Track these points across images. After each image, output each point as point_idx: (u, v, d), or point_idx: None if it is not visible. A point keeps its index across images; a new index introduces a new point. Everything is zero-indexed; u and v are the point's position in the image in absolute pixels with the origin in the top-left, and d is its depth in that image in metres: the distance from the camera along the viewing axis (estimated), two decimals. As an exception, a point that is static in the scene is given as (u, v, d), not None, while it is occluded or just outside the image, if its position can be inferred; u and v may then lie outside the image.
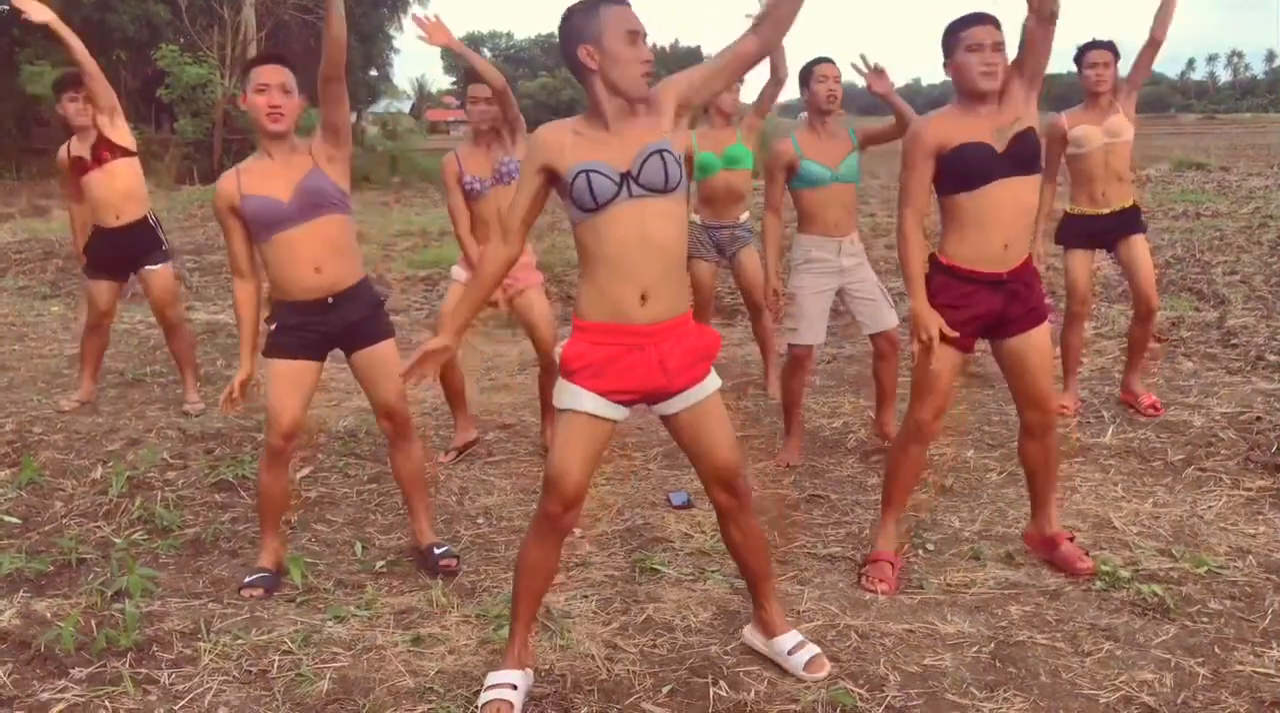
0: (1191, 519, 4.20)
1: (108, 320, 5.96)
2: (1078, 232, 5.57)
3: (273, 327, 3.67)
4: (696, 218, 5.90)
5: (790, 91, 5.73)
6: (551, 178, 2.80)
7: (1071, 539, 3.81)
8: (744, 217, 5.88)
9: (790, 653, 3.08)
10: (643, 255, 2.74)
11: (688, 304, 2.91)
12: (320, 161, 3.63)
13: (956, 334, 3.51)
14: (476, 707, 2.88)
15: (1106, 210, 5.51)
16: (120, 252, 5.80)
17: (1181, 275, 9.53)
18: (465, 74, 4.98)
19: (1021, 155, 3.48)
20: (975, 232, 3.53)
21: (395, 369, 3.67)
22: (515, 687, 2.88)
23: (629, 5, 2.78)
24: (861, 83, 4.86)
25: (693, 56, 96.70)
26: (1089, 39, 5.49)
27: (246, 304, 3.68)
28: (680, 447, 3.01)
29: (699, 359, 2.88)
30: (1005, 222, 3.51)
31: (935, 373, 3.58)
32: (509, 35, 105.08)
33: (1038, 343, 3.62)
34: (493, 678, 2.92)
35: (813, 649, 3.10)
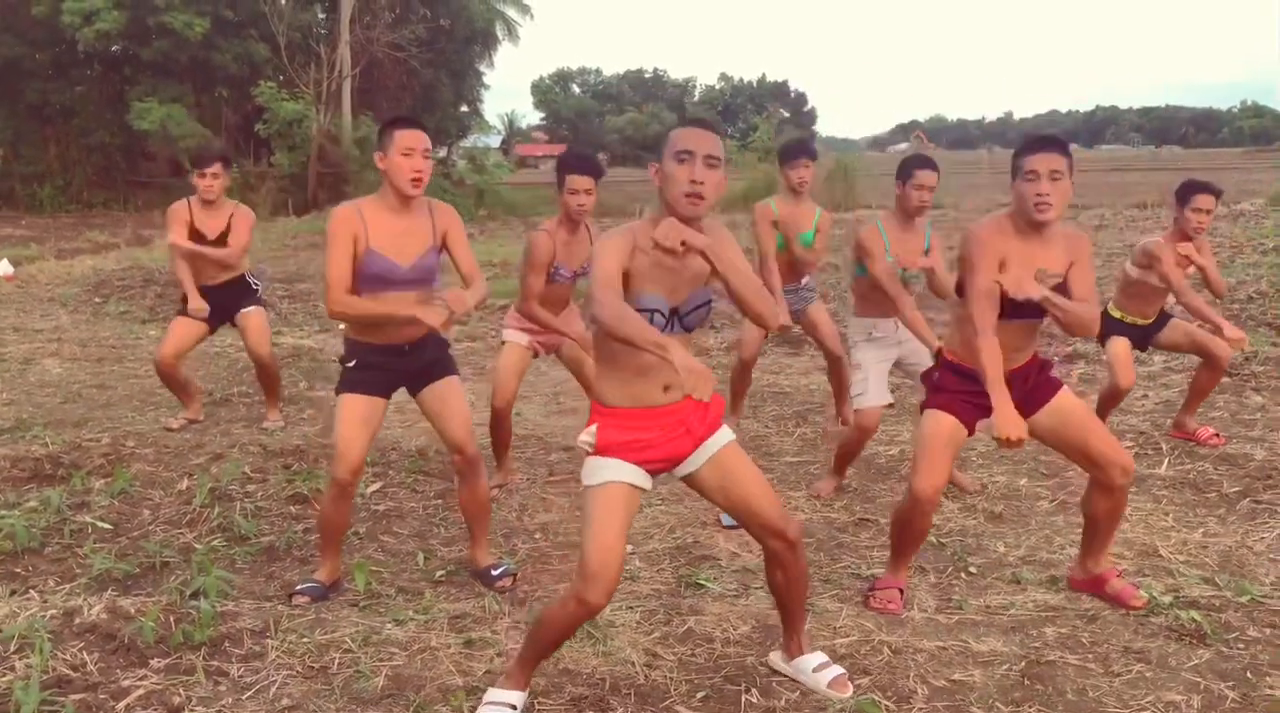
0: (1241, 550, 4.21)
1: (173, 361, 6.13)
2: (1117, 330, 5.73)
3: (351, 364, 3.82)
4: None
5: (879, 124, 5.79)
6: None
7: (1119, 575, 3.83)
8: (806, 280, 5.88)
9: (815, 671, 3.17)
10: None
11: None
12: (438, 237, 3.80)
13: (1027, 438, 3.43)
14: None
15: (1148, 321, 5.72)
16: (219, 301, 6.12)
17: (1262, 310, 9.36)
18: (563, 160, 4.91)
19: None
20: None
21: (460, 405, 3.88)
22: (514, 707, 2.99)
23: (699, 129, 2.82)
24: (953, 116, 4.85)
25: (779, 89, 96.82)
26: (1198, 180, 5.50)
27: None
28: (719, 506, 3.08)
29: (711, 424, 3.00)
30: (1009, 344, 3.54)
31: (936, 446, 3.61)
32: (598, 71, 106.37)
33: (1065, 407, 3.60)
34: (493, 695, 3.03)
35: (837, 669, 3.18)
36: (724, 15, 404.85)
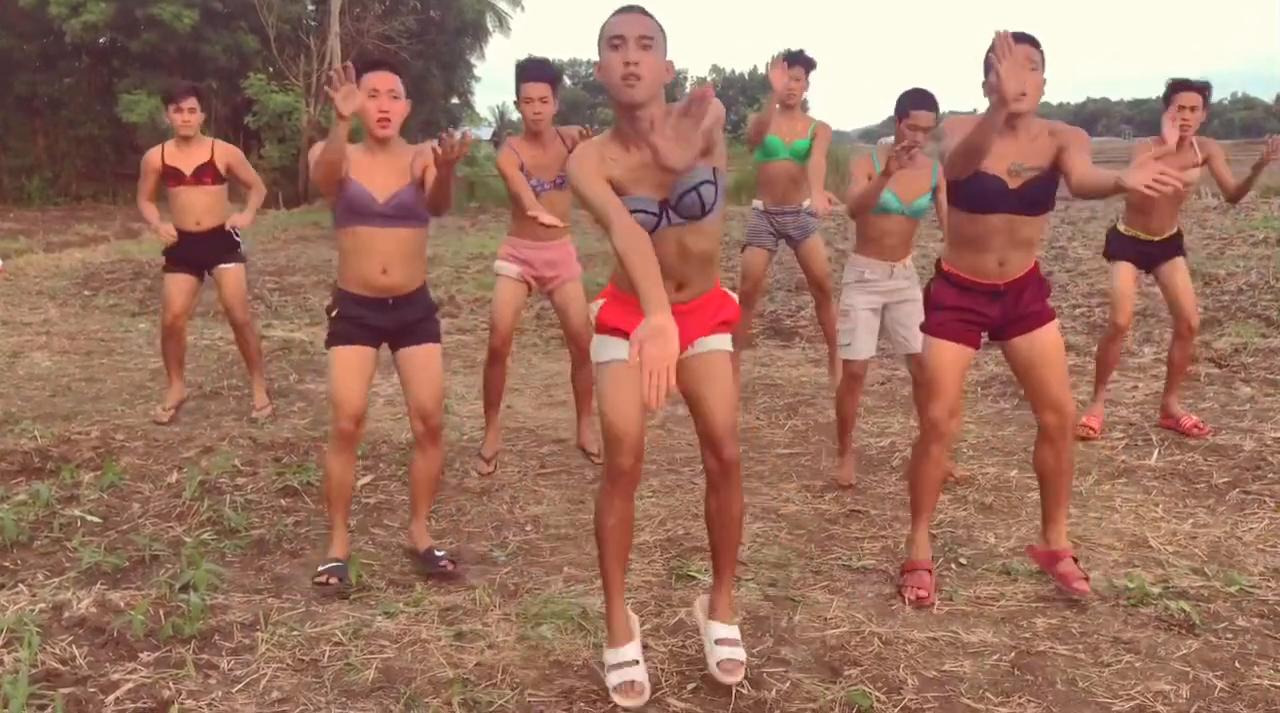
0: (1230, 540, 4.23)
1: (182, 321, 6.16)
2: (1126, 249, 5.68)
3: (335, 314, 3.91)
4: (759, 204, 5.99)
5: (871, 117, 5.84)
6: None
7: (1075, 560, 3.81)
8: (806, 203, 5.88)
9: (716, 643, 3.13)
10: (679, 261, 2.92)
11: (714, 280, 3.06)
12: (417, 175, 3.83)
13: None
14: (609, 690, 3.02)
15: (1158, 238, 5.60)
16: (199, 252, 6.11)
17: (1252, 302, 9.40)
18: (519, 69, 4.94)
19: (1030, 198, 3.55)
20: (971, 250, 3.66)
21: (435, 373, 3.94)
22: (638, 662, 3.03)
23: (629, 14, 2.82)
24: (944, 108, 4.78)
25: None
26: (1182, 77, 5.44)
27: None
28: (683, 396, 3.08)
29: (716, 326, 3.03)
30: (999, 246, 3.62)
31: (941, 372, 3.69)
32: (589, 63, 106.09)
33: (1043, 342, 3.66)
34: (612, 657, 3.04)
35: (737, 653, 3.11)
36: (715, 7, 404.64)
